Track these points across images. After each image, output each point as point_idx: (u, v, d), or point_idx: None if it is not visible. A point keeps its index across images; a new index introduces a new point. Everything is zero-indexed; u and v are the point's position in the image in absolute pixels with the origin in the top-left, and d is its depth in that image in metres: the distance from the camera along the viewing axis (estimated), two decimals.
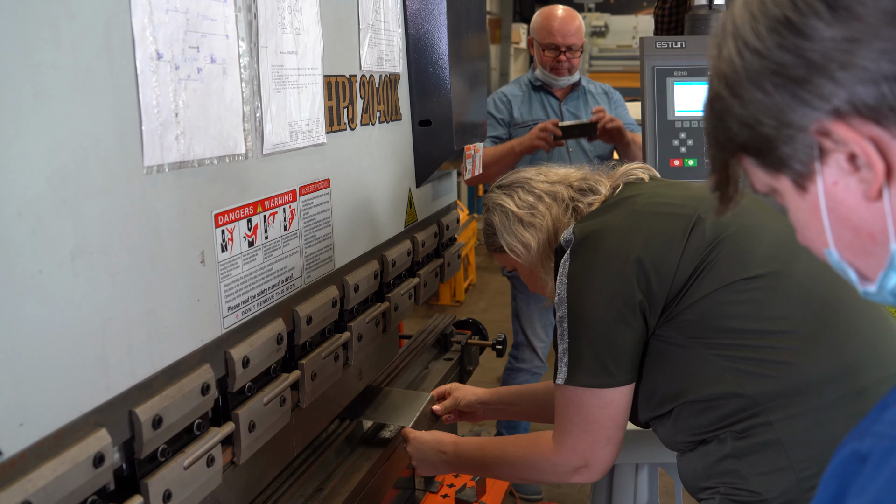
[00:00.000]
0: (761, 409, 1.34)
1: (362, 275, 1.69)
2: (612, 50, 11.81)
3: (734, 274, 1.36)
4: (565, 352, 1.44)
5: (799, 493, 1.31)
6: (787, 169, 0.69)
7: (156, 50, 1.04)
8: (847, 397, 1.31)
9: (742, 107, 0.69)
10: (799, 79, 0.65)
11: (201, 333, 1.16)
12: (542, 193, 1.64)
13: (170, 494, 1.06)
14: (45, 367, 0.87)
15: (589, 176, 1.65)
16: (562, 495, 3.72)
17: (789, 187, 0.71)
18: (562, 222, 1.60)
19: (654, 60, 2.66)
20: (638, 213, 1.45)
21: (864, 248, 0.68)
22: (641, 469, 2.37)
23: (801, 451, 1.31)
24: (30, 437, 0.85)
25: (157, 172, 1.05)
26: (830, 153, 0.66)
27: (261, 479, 1.44)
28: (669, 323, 1.39)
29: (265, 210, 1.33)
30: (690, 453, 1.46)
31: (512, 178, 1.72)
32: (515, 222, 1.64)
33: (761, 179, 0.74)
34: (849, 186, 0.66)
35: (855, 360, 1.33)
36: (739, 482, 1.36)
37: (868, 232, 0.67)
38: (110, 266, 0.97)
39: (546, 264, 1.62)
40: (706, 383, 1.38)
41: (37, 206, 0.86)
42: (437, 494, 2.16)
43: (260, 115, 1.30)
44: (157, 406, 1.04)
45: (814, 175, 0.68)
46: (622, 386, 1.43)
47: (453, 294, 6.68)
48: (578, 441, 1.48)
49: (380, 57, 1.80)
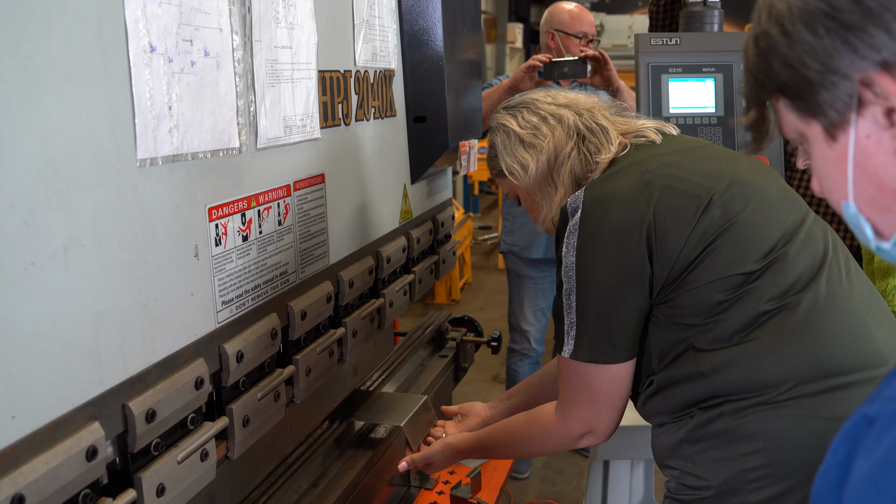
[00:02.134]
0: (721, 399, 1.36)
1: (357, 270, 1.69)
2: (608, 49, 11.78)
3: (734, 266, 1.34)
4: (572, 325, 1.42)
5: (741, 483, 1.33)
6: (821, 115, 0.69)
7: (149, 42, 1.03)
8: (806, 397, 1.32)
9: (789, 46, 0.69)
10: (853, 25, 0.64)
11: (195, 327, 1.16)
12: (547, 115, 1.57)
13: (163, 489, 1.06)
14: (38, 360, 0.87)
15: (596, 110, 1.58)
16: (557, 493, 3.72)
17: (819, 134, 0.70)
18: (565, 148, 1.54)
19: (649, 57, 2.66)
20: (650, 183, 1.40)
21: (885, 205, 0.68)
22: (637, 465, 2.37)
23: (747, 444, 1.33)
24: (22, 429, 0.85)
25: (151, 165, 1.05)
26: (868, 105, 0.65)
27: (255, 475, 1.44)
28: (661, 306, 1.39)
29: (259, 205, 1.33)
30: (658, 429, 1.49)
31: (518, 98, 1.65)
32: (516, 142, 1.57)
33: (792, 124, 0.73)
34: (881, 141, 0.65)
35: (824, 362, 1.33)
36: (690, 466, 1.40)
37: (893, 189, 0.66)
38: (103, 259, 0.96)
39: (544, 189, 1.56)
40: (676, 366, 1.40)
41: (29, 198, 0.85)
42: (432, 491, 2.16)
43: (254, 110, 1.29)
44: (150, 400, 1.03)
45: (847, 125, 0.67)
46: (627, 360, 1.43)
47: (449, 293, 6.68)
48: (583, 411, 1.48)
49: (374, 53, 1.80)
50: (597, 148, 1.52)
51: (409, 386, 2.21)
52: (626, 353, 1.42)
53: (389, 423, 1.85)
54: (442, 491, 2.14)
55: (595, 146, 1.52)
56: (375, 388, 2.03)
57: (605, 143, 1.52)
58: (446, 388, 2.40)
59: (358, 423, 1.89)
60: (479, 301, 6.77)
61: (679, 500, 1.42)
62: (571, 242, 1.41)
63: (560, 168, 1.53)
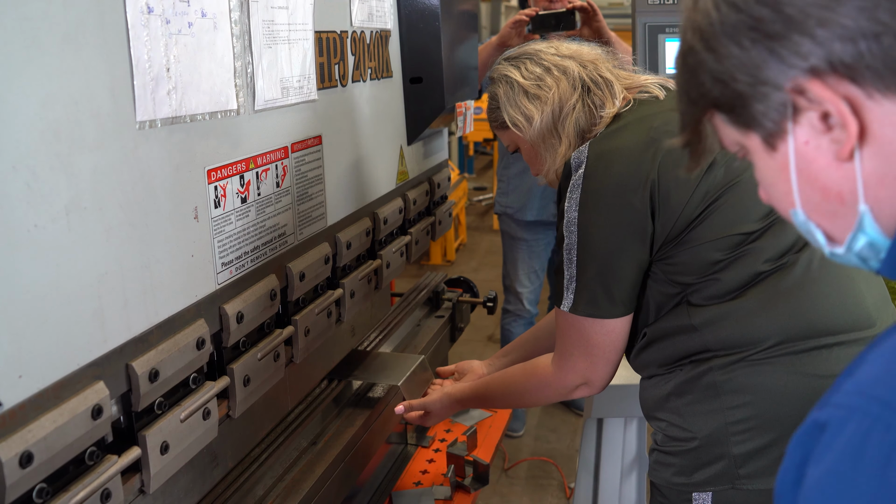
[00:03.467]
0: (710, 354, 1.39)
1: (354, 232, 1.70)
2: (604, 8, 11.69)
3: (735, 226, 1.35)
4: (572, 279, 1.43)
5: (726, 435, 1.36)
6: (758, 126, 0.68)
7: (146, 4, 1.03)
8: (792, 354, 1.34)
9: (717, 61, 0.68)
10: (776, 34, 0.64)
11: (196, 289, 1.17)
12: (551, 66, 1.54)
13: (167, 446, 1.08)
14: (43, 321, 0.88)
15: (600, 62, 1.56)
16: (551, 450, 3.77)
17: (759, 145, 0.70)
18: (570, 100, 1.51)
19: (646, 17, 2.64)
20: (654, 140, 1.39)
21: (831, 210, 0.67)
22: (630, 423, 2.41)
23: (733, 397, 1.36)
24: (29, 388, 0.86)
25: (150, 128, 1.05)
26: (803, 112, 0.65)
27: (256, 433, 1.47)
28: (659, 262, 1.40)
29: (257, 167, 1.33)
30: (647, 381, 1.51)
31: (521, 49, 1.62)
32: (520, 93, 1.54)
33: (731, 137, 0.73)
34: (820, 146, 0.65)
35: (814, 321, 1.35)
36: (676, 418, 1.43)
37: (837, 193, 0.66)
38: (104, 221, 0.97)
39: (548, 141, 1.54)
40: (669, 318, 1.42)
41: (30, 160, 0.86)
42: (428, 449, 2.19)
43: (251, 71, 1.29)
44: (153, 360, 1.05)
45: (785, 134, 0.67)
46: (625, 315, 1.45)
47: (444, 254, 6.70)
48: (579, 363, 1.50)
49: (371, 13, 1.78)
50: (601, 101, 1.51)
51: (406, 346, 2.24)
52: (625, 308, 1.44)
53: (387, 383, 1.88)
54: (438, 449, 2.18)
55: (600, 99, 1.51)
56: (373, 348, 2.06)
57: (609, 97, 1.51)
58: (443, 349, 2.42)
59: (356, 382, 1.91)
60: (475, 262, 6.80)
61: (665, 451, 1.45)
62: (574, 197, 1.41)
63: (565, 120, 1.51)
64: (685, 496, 1.41)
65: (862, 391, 0.59)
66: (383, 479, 2.00)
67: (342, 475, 1.60)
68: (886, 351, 0.61)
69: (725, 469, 1.36)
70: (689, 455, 1.40)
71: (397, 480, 2.03)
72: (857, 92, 0.62)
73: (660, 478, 1.46)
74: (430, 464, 2.12)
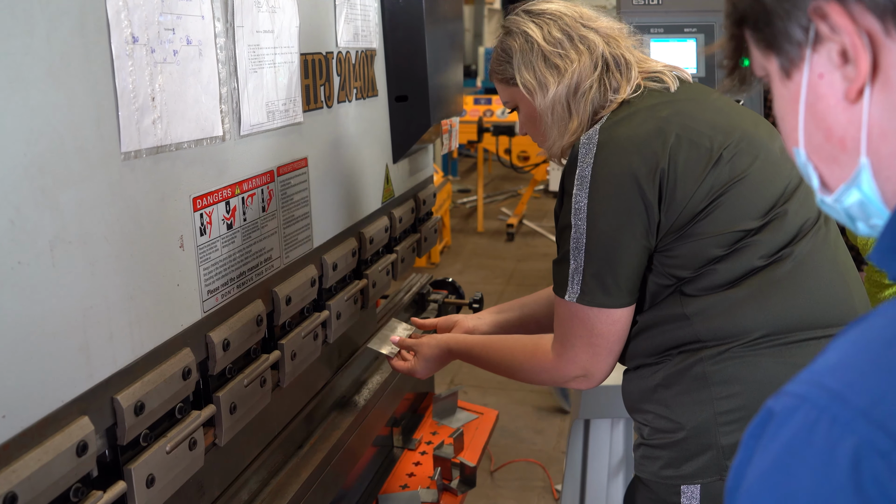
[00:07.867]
0: (700, 345, 1.38)
1: (340, 253, 1.69)
2: None
3: (736, 222, 1.35)
4: (578, 268, 1.40)
5: (714, 426, 1.36)
6: (778, 49, 0.66)
7: (131, 33, 1.02)
8: (782, 346, 1.35)
9: None
10: None
11: (181, 318, 1.16)
12: (575, 36, 1.46)
13: (153, 479, 1.07)
14: (27, 358, 0.87)
15: (621, 38, 1.50)
16: (537, 452, 3.77)
17: (776, 71, 0.67)
18: (589, 78, 1.45)
19: (631, 17, 2.64)
20: (664, 130, 1.37)
21: (831, 154, 0.65)
22: (616, 424, 2.40)
23: (723, 388, 1.36)
24: (13, 428, 0.85)
25: (135, 158, 1.04)
26: (824, 42, 0.62)
27: (243, 460, 1.45)
28: (658, 254, 1.40)
29: (243, 192, 1.32)
30: (632, 373, 1.50)
31: (543, 6, 1.52)
32: (539, 57, 1.46)
33: (757, 59, 0.70)
34: (832, 82, 0.62)
35: (804, 315, 1.36)
36: (663, 410, 1.41)
37: (840, 137, 0.63)
38: (89, 254, 0.96)
39: (558, 113, 1.48)
40: (662, 307, 1.41)
41: (14, 196, 0.85)
42: (415, 451, 2.19)
43: (237, 96, 1.29)
44: (138, 392, 1.04)
45: (801, 62, 0.64)
46: (630, 305, 1.43)
47: (429, 256, 6.68)
48: (580, 354, 1.46)
49: (356, 33, 1.78)
50: (617, 84, 1.46)
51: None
52: (630, 298, 1.42)
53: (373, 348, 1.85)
54: (425, 451, 2.18)
55: (616, 81, 1.47)
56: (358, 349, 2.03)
57: (624, 81, 1.47)
58: None
59: (340, 386, 1.88)
60: (459, 264, 6.79)
61: (652, 444, 1.44)
62: (584, 184, 1.38)
63: (581, 98, 1.46)
64: (673, 489, 1.40)
65: (814, 380, 0.56)
66: (370, 482, 2.00)
67: (328, 479, 1.60)
68: (846, 341, 0.59)
69: (713, 460, 1.36)
70: (677, 447, 1.39)
71: (384, 484, 2.02)
72: (878, 27, 0.58)
73: (647, 472, 1.44)
74: (416, 466, 2.12)
